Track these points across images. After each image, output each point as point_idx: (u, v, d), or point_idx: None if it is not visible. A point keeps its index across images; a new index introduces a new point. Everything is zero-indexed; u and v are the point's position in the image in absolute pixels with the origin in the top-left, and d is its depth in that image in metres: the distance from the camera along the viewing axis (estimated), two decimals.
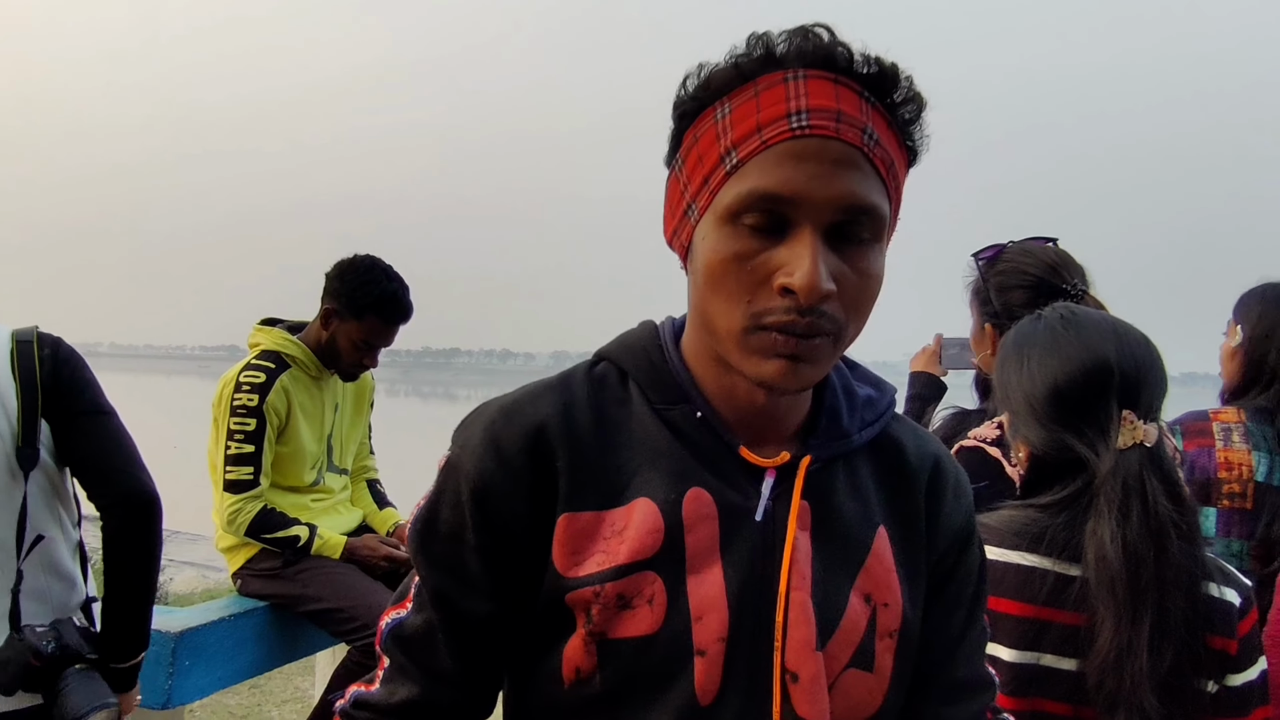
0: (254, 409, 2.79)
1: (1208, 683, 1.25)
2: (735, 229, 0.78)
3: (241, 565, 2.93)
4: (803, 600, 0.84)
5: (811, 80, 0.77)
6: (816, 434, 0.90)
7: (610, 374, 0.92)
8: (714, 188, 0.80)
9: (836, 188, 0.76)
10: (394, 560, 2.97)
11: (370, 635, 2.69)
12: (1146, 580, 1.19)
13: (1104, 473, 1.23)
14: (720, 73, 0.80)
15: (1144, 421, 1.25)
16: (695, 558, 0.84)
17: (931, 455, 0.97)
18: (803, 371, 0.79)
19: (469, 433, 0.88)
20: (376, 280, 2.88)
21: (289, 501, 2.94)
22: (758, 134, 0.77)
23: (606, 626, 0.83)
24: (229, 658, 2.76)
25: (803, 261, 0.75)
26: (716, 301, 0.80)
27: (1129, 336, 1.30)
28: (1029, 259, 1.86)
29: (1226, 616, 1.25)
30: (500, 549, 0.85)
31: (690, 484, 0.85)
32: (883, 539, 0.91)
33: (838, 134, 0.76)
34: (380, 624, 0.92)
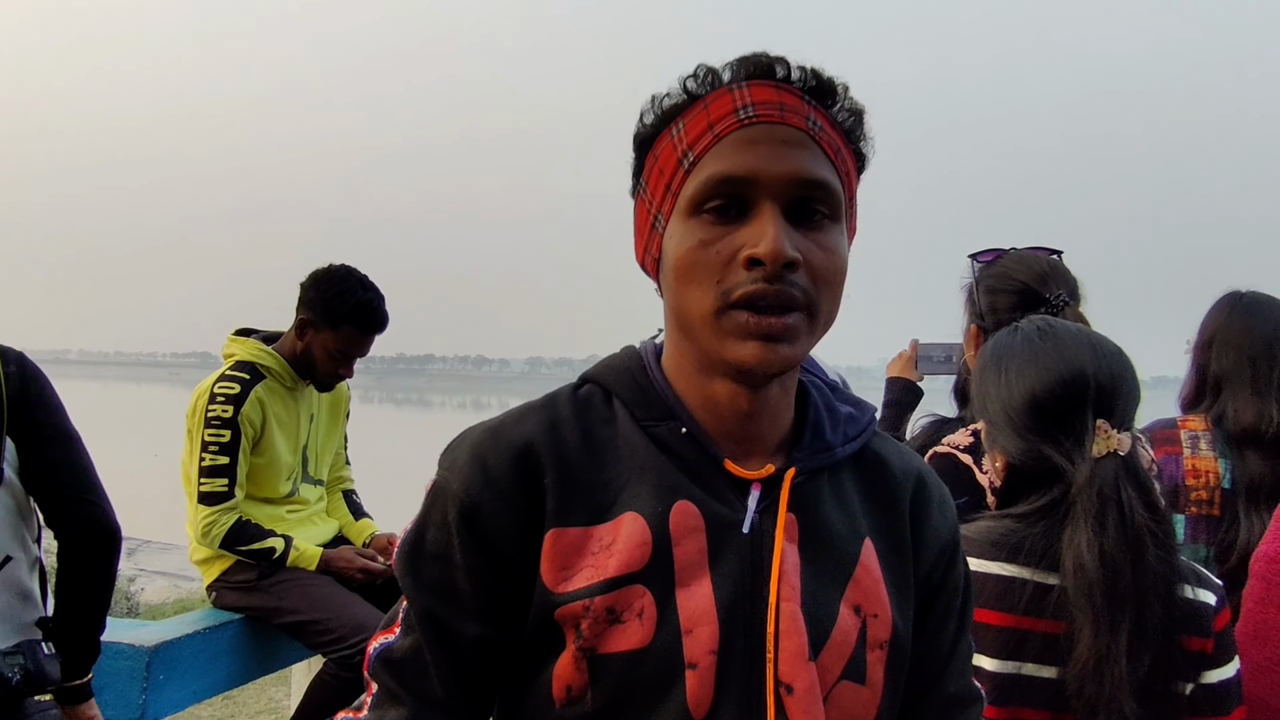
0: (228, 420, 2.77)
1: (1184, 685, 1.27)
2: (699, 219, 0.82)
3: (216, 578, 2.91)
4: (793, 611, 0.85)
5: (755, 86, 0.83)
6: (800, 447, 0.91)
7: (595, 395, 0.94)
8: (675, 190, 0.85)
9: (789, 164, 0.81)
10: (370, 572, 2.95)
11: (347, 647, 2.69)
12: (1124, 588, 1.21)
13: (1080, 482, 1.25)
14: (672, 98, 0.86)
15: (1118, 431, 1.27)
16: (684, 570, 0.84)
17: (915, 471, 0.99)
18: (780, 351, 0.81)
19: (456, 454, 0.88)
20: (352, 290, 2.87)
21: (264, 513, 2.92)
22: (710, 130, 0.83)
23: (597, 641, 0.83)
24: (204, 671, 2.74)
25: (766, 231, 0.79)
26: (689, 291, 0.82)
27: (1103, 348, 1.32)
28: (1020, 267, 1.88)
29: (1203, 618, 1.27)
30: (489, 569, 0.85)
31: (677, 497, 0.86)
32: (870, 551, 0.92)
33: (783, 119, 0.82)
34: (368, 649, 0.91)
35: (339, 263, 2.97)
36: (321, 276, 2.90)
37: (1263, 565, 1.41)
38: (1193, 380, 2.16)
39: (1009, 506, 1.34)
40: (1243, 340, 2.06)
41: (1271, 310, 2.10)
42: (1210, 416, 2.08)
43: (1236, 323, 2.09)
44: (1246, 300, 2.13)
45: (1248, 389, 2.03)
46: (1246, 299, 2.13)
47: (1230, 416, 2.03)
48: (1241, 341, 2.06)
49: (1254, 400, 2.01)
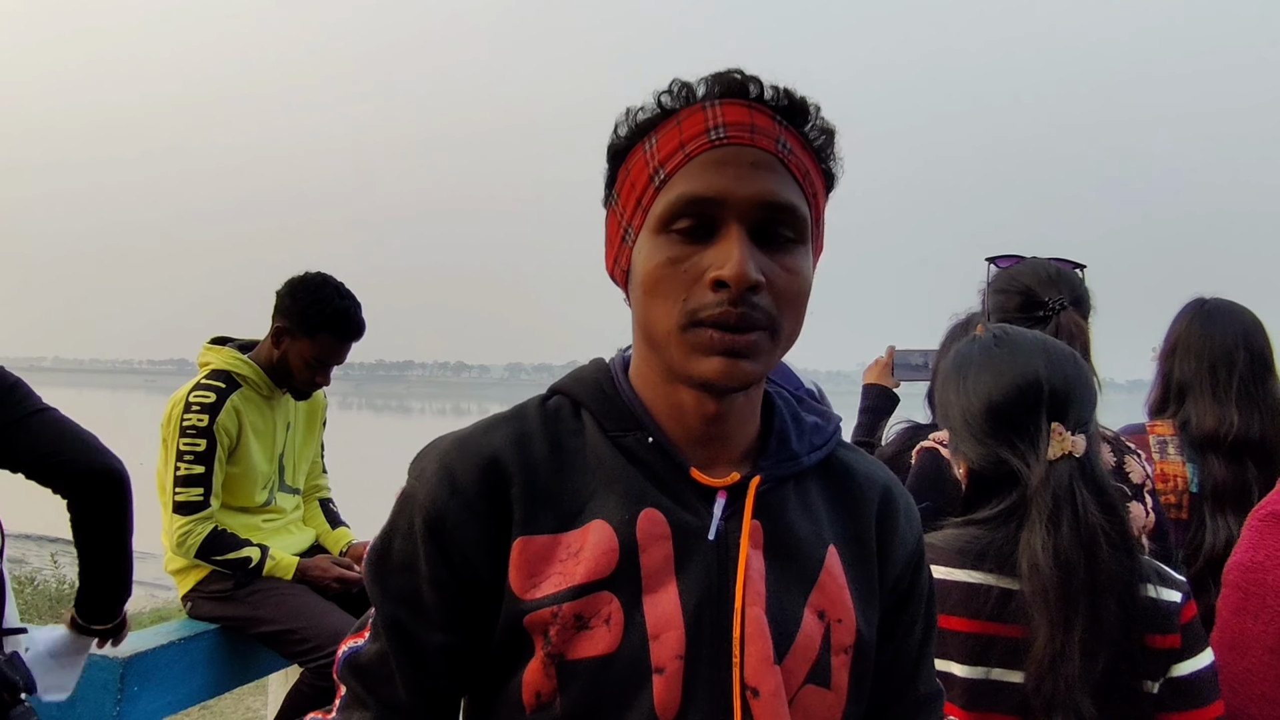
0: (204, 429, 2.76)
1: (1151, 684, 1.29)
2: (668, 236, 0.84)
3: (192, 587, 2.89)
4: (758, 616, 0.86)
5: (727, 105, 0.85)
6: (766, 455, 0.93)
7: (564, 406, 0.95)
8: (646, 206, 0.86)
9: (756, 186, 0.82)
10: (347, 581, 2.95)
11: (324, 656, 2.68)
12: (1078, 587, 1.24)
13: (1035, 484, 1.28)
14: (647, 112, 0.87)
15: (1073, 434, 1.30)
16: (651, 577, 0.86)
17: (881, 481, 1.01)
18: (743, 367, 0.82)
19: (423, 464, 0.90)
20: (328, 298, 2.87)
21: (240, 522, 2.91)
22: (681, 150, 0.84)
23: (565, 648, 0.84)
24: (179, 682, 2.72)
25: (731, 254, 0.81)
26: (655, 306, 0.84)
27: (1057, 353, 1.36)
28: (1027, 271, 1.91)
29: (1167, 615, 1.30)
30: (454, 579, 0.86)
31: (644, 505, 0.87)
32: (834, 557, 0.93)
33: (753, 141, 0.83)
34: (339, 652, 0.93)
35: (315, 270, 2.97)
36: (297, 284, 2.90)
37: (1238, 574, 1.42)
38: (1158, 387, 2.20)
39: (972, 513, 1.36)
40: (1203, 347, 2.10)
41: (1232, 317, 2.13)
42: (1176, 422, 2.11)
43: (1198, 330, 2.13)
44: (1209, 308, 2.16)
45: (1209, 395, 2.06)
46: (1209, 306, 2.17)
47: (1193, 422, 2.07)
48: (1202, 349, 2.10)
49: (1214, 406, 2.05)
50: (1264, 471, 2.00)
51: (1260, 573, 1.39)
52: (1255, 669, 1.36)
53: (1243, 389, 2.05)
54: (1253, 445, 2.02)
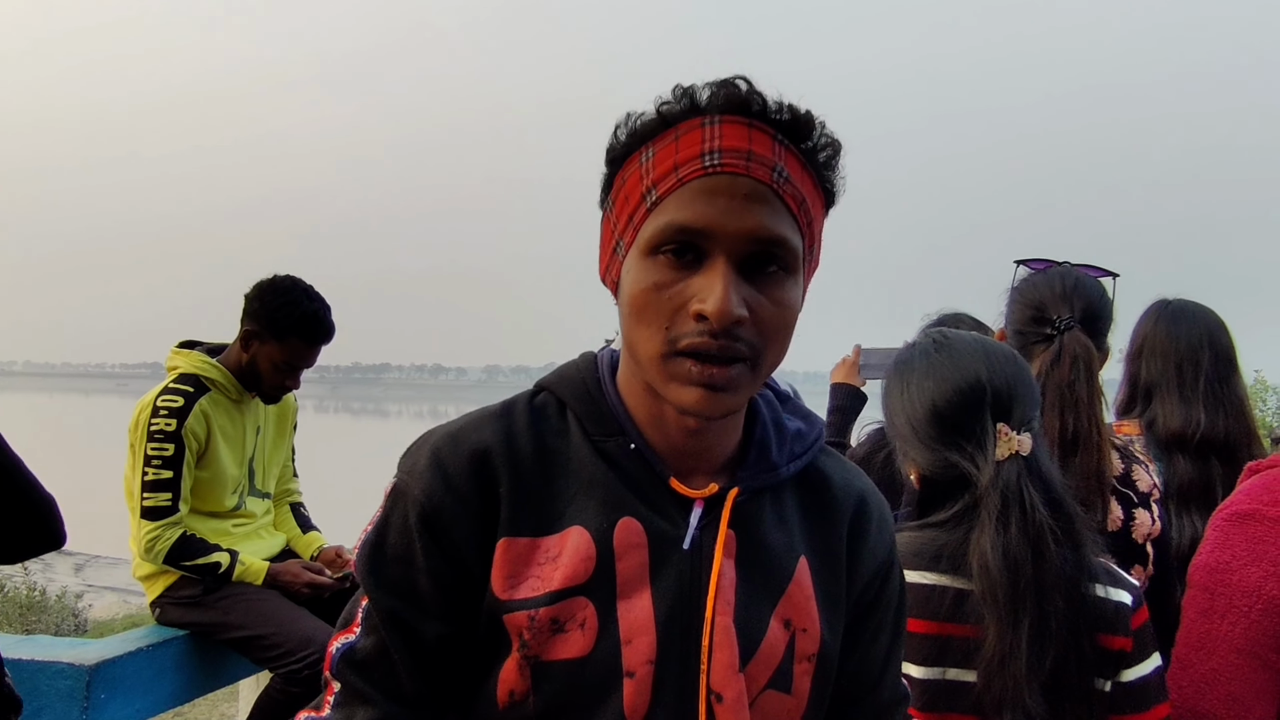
0: (172, 434, 2.74)
1: (1103, 682, 1.30)
2: (655, 261, 0.83)
3: (160, 593, 2.87)
4: (727, 625, 0.89)
5: (726, 124, 0.83)
6: (745, 466, 0.95)
7: (550, 404, 0.96)
8: (637, 224, 0.86)
9: (746, 220, 0.81)
10: (318, 586, 2.93)
11: (295, 662, 2.66)
12: (1024, 585, 1.25)
13: (984, 484, 1.30)
14: (646, 120, 0.86)
15: (1019, 433, 1.31)
16: (626, 584, 0.88)
17: (857, 491, 1.02)
18: (722, 399, 0.83)
19: (415, 459, 0.91)
20: (297, 301, 2.85)
21: (209, 527, 2.89)
22: (675, 172, 0.83)
23: (540, 649, 0.86)
24: (147, 689, 2.70)
25: (714, 288, 0.80)
26: (639, 330, 0.85)
27: (998, 354, 1.37)
28: (1044, 284, 1.87)
29: (1119, 615, 1.31)
30: (449, 570, 0.88)
31: (622, 513, 0.89)
32: (804, 568, 0.95)
33: (748, 171, 0.82)
34: (329, 649, 0.92)
35: (284, 273, 2.95)
36: (266, 287, 2.88)
37: (1203, 576, 1.43)
38: (1125, 387, 2.22)
39: (926, 516, 1.37)
40: (1170, 348, 2.12)
41: (1196, 318, 2.16)
42: (1142, 421, 2.13)
43: (1163, 331, 2.15)
44: (1173, 308, 2.19)
45: (1175, 395, 2.08)
46: (1173, 307, 2.19)
47: (1159, 422, 2.08)
48: (1169, 349, 2.12)
49: (1181, 406, 2.07)
50: (1228, 469, 2.02)
51: (1225, 573, 1.39)
52: (1222, 669, 1.36)
53: (1208, 388, 2.08)
54: (1217, 444, 2.04)
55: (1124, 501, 1.73)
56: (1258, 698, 1.35)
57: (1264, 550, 1.37)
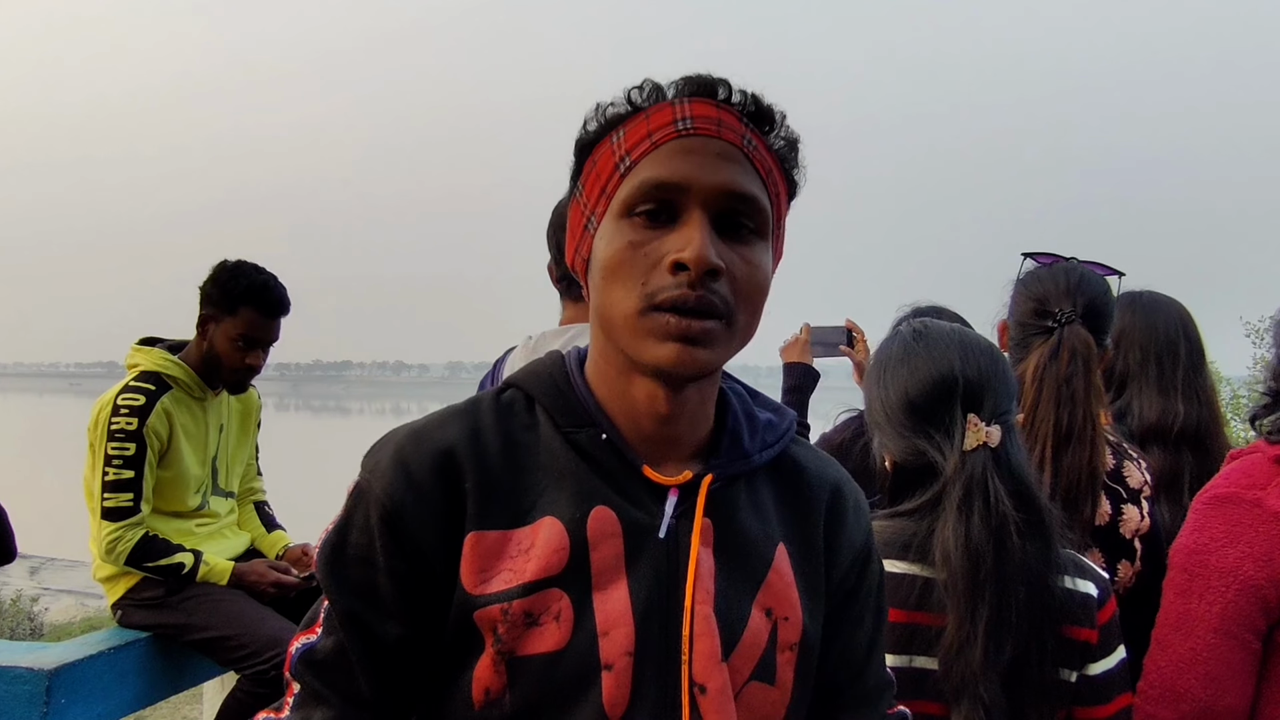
0: (133, 433, 2.69)
1: (1069, 673, 1.32)
2: (630, 221, 0.85)
3: (122, 595, 2.82)
4: (707, 614, 0.87)
5: (695, 103, 0.86)
6: (718, 454, 0.94)
7: (518, 400, 0.95)
8: (610, 192, 0.87)
9: (720, 175, 0.84)
10: (284, 585, 2.89)
11: (262, 663, 2.62)
12: (985, 574, 1.27)
13: (949, 473, 1.31)
14: (616, 107, 0.88)
15: (989, 424, 1.33)
16: (601, 575, 0.87)
17: (832, 478, 1.02)
18: (697, 355, 0.83)
19: (378, 457, 0.89)
20: (246, 273, 2.83)
21: (172, 527, 2.84)
22: (648, 138, 0.85)
23: (515, 644, 0.85)
24: (109, 693, 2.65)
25: (692, 238, 0.82)
26: (614, 290, 0.85)
27: (973, 346, 1.39)
28: (1048, 278, 1.86)
29: (1085, 608, 1.33)
30: (411, 571, 0.86)
31: (595, 503, 0.88)
32: (782, 556, 0.95)
33: (719, 134, 0.85)
34: (290, 650, 0.91)
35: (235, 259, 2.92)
36: (216, 269, 2.87)
37: (1182, 557, 1.46)
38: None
39: (897, 504, 1.39)
40: (1148, 339, 2.14)
41: (1169, 308, 2.19)
42: (1112, 412, 2.15)
43: (1140, 322, 2.16)
44: (1146, 300, 2.21)
45: (1154, 387, 2.10)
46: (1145, 298, 2.21)
47: (1135, 413, 2.10)
48: (1147, 340, 2.14)
49: (1159, 398, 2.09)
50: (1198, 458, 2.05)
51: (1204, 555, 1.43)
52: (1199, 649, 1.39)
53: (1185, 379, 2.10)
54: (1190, 435, 2.07)
55: (1112, 496, 1.74)
56: (1234, 677, 1.38)
57: (1241, 533, 1.40)
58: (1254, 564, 1.38)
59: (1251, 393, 8.06)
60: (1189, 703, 1.38)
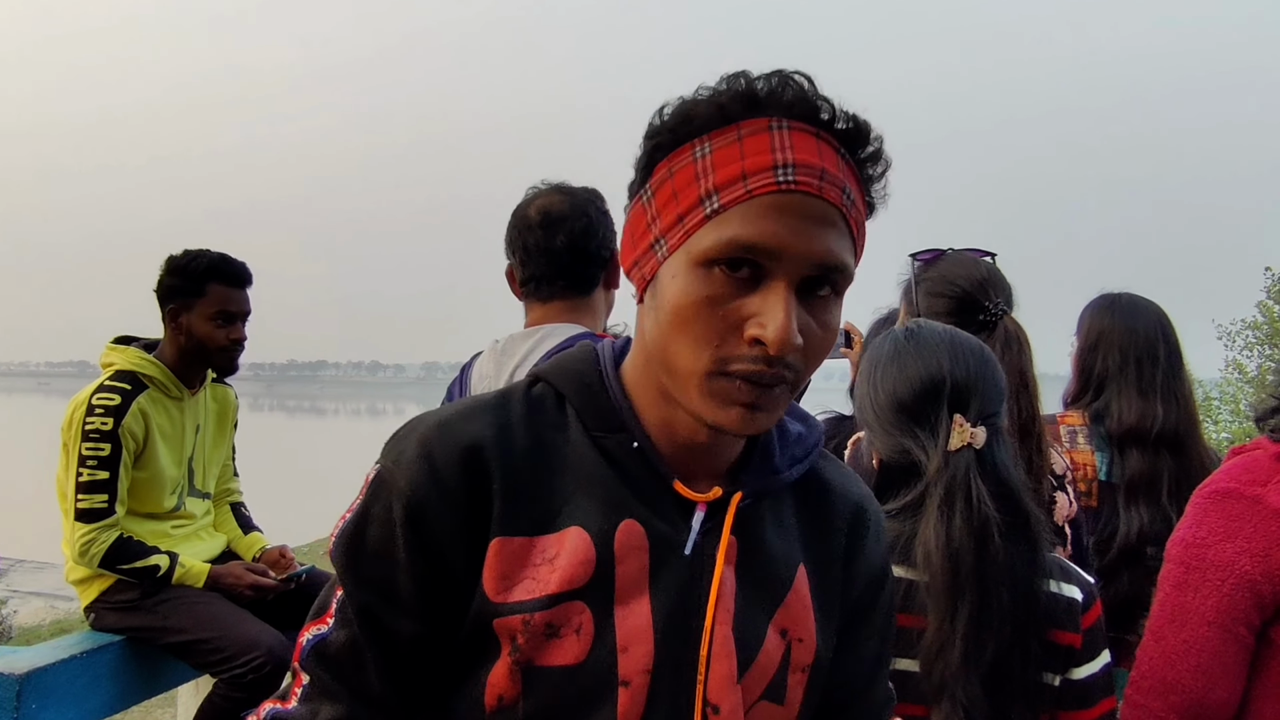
0: (108, 433, 2.65)
1: (1052, 677, 1.33)
2: (710, 273, 0.78)
3: (95, 598, 2.77)
4: (726, 634, 0.86)
5: (796, 133, 0.78)
6: (749, 471, 0.92)
7: (548, 396, 0.92)
8: (689, 228, 0.80)
9: (816, 245, 0.77)
10: (261, 588, 2.86)
11: (239, 666, 2.59)
12: (965, 576, 1.27)
13: (932, 473, 1.32)
14: (702, 109, 0.80)
15: (974, 425, 1.33)
16: (624, 589, 0.85)
17: (855, 498, 1.01)
18: (759, 419, 0.80)
19: (402, 446, 0.86)
20: (202, 253, 2.83)
21: (147, 529, 2.80)
22: (743, 182, 0.77)
23: (533, 655, 0.83)
24: (81, 698, 2.60)
25: (777, 315, 0.76)
26: (682, 342, 0.80)
27: (963, 348, 1.39)
28: (961, 271, 1.90)
29: (1069, 612, 1.34)
30: (431, 569, 0.84)
31: (623, 515, 0.86)
32: (803, 576, 0.94)
33: (820, 192, 0.78)
34: (300, 639, 0.89)
35: None
36: (168, 262, 2.85)
37: (1180, 550, 1.47)
38: (1077, 379, 2.26)
39: (882, 503, 1.40)
40: (1128, 341, 2.16)
41: (1148, 311, 2.21)
42: (1089, 413, 2.17)
43: (1120, 324, 2.19)
44: (1124, 302, 2.23)
45: (1133, 389, 2.13)
46: (1124, 301, 2.24)
47: (1114, 415, 2.13)
48: (1126, 342, 2.16)
49: (1139, 400, 2.11)
50: (1176, 460, 2.07)
51: (1201, 548, 1.44)
52: (1193, 641, 1.41)
53: (1164, 382, 2.12)
54: (1168, 437, 2.09)
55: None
56: (1226, 670, 1.39)
57: (1239, 527, 1.42)
58: (1251, 559, 1.40)
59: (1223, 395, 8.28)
60: (1180, 694, 1.39)
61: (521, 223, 1.93)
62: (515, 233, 1.95)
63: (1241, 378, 11.29)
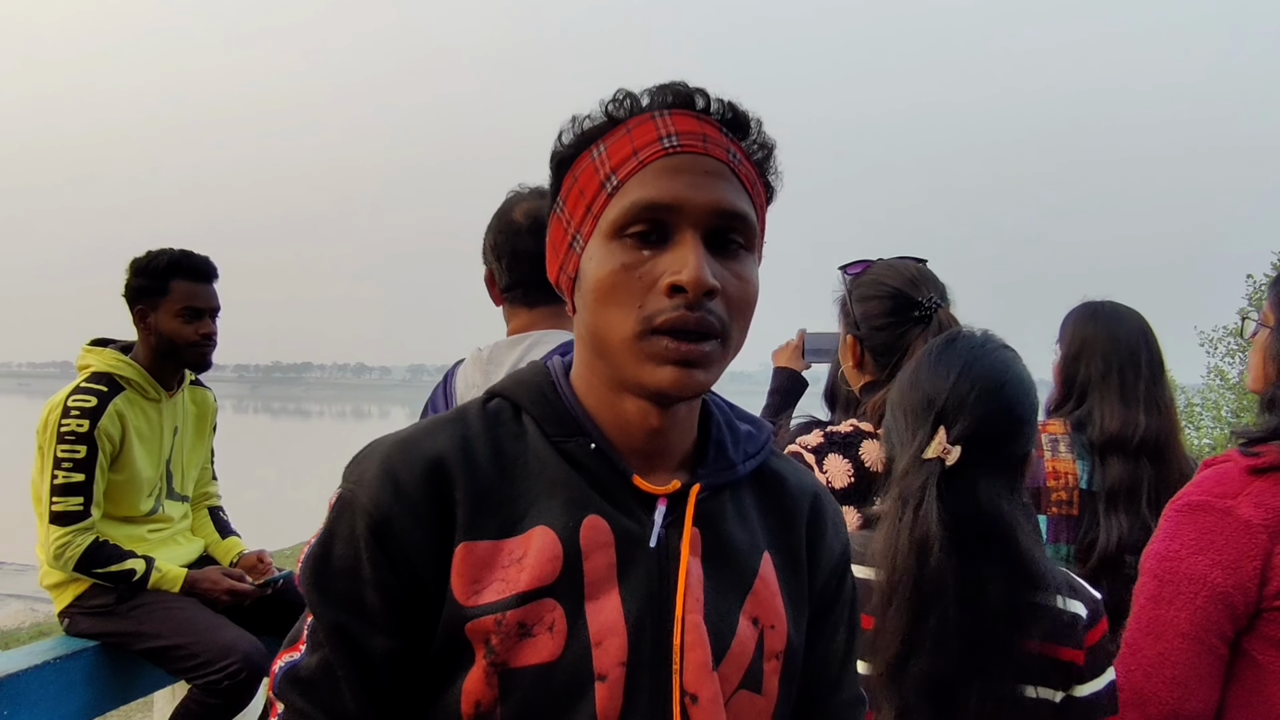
0: (84, 435, 2.63)
1: (1053, 693, 1.32)
2: (621, 243, 0.84)
3: (70, 602, 2.75)
4: (697, 623, 0.88)
5: (676, 115, 0.86)
6: (705, 464, 0.94)
7: (505, 409, 0.94)
8: (596, 212, 0.86)
9: (711, 194, 0.83)
10: (238, 593, 2.84)
11: (215, 672, 2.57)
12: (898, 581, 1.29)
13: (897, 474, 1.35)
14: (594, 121, 0.88)
15: (953, 444, 1.33)
16: (593, 584, 0.86)
17: (811, 489, 1.04)
18: (696, 377, 0.83)
19: (363, 468, 0.88)
20: (163, 251, 2.81)
21: (124, 533, 2.78)
22: (634, 156, 0.84)
23: (508, 656, 0.84)
24: (55, 704, 2.58)
25: (688, 259, 0.81)
26: (608, 313, 0.84)
27: (979, 368, 1.37)
28: (890, 273, 1.93)
29: (1072, 629, 1.33)
30: (399, 583, 0.85)
31: (587, 512, 0.88)
32: (768, 564, 0.96)
33: (706, 150, 0.85)
34: (273, 668, 0.89)
35: None
36: (131, 264, 2.83)
37: (1154, 563, 1.48)
38: (1060, 387, 2.26)
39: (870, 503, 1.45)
40: (1110, 350, 2.16)
41: (1131, 319, 2.21)
42: (1070, 421, 2.17)
43: (1103, 333, 2.19)
44: (1107, 310, 2.23)
45: (1115, 397, 2.13)
46: (1106, 309, 2.24)
47: (1096, 423, 2.12)
48: (1110, 351, 2.16)
49: (1121, 409, 2.11)
50: (1157, 469, 2.08)
51: (1175, 561, 1.45)
52: (1168, 653, 1.41)
53: (1146, 390, 2.13)
54: (1149, 445, 2.09)
55: None
56: (1201, 681, 1.40)
57: (1211, 540, 1.43)
58: (1223, 571, 1.40)
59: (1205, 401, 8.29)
60: (1156, 705, 1.40)
61: (507, 228, 1.88)
62: (500, 238, 1.89)
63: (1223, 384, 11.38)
